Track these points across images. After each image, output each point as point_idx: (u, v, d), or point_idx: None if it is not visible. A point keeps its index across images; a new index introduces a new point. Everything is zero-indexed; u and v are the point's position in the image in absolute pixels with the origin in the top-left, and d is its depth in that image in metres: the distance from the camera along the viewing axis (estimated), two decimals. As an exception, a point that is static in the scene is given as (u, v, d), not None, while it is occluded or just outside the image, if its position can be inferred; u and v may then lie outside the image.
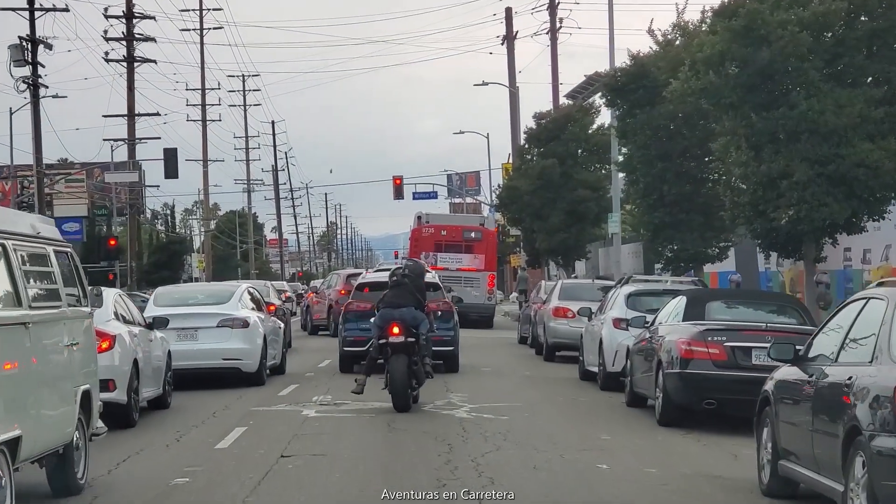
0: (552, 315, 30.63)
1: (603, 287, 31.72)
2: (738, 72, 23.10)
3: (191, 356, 22.80)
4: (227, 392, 22.70)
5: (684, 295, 18.97)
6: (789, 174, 22.82)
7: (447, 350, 25.71)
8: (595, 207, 52.25)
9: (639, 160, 32.21)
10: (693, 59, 23.86)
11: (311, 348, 36.50)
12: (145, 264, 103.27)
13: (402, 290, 19.19)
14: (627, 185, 33.95)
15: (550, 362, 30.57)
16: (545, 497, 11.86)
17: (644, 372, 18.93)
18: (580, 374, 25.56)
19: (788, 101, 22.93)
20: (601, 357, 23.19)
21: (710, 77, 23.25)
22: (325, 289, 44.67)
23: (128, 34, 67.05)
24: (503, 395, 21.70)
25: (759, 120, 23.23)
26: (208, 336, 23.12)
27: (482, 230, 49.58)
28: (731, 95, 23.37)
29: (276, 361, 25.82)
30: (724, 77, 23.24)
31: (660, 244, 32.63)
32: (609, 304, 24.14)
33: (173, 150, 65.00)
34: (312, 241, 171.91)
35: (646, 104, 31.86)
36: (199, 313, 23.43)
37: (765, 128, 23.19)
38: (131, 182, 76.11)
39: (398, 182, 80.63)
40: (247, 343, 23.29)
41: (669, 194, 31.60)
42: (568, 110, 53.96)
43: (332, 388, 22.83)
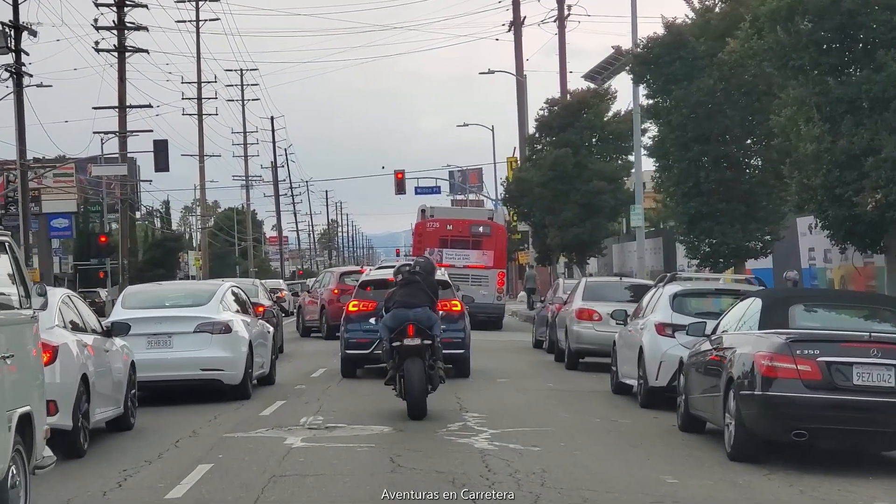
0: (576, 318, 27.22)
1: (630, 286, 28.51)
2: (812, 27, 19.46)
3: (164, 366, 19.87)
4: (202, 409, 19.45)
5: (757, 296, 15.37)
6: (875, 150, 19.16)
7: (458, 353, 23.64)
8: (611, 200, 49.23)
9: (672, 143, 28.55)
10: (755, 15, 20.23)
11: (304, 353, 33.03)
12: (139, 262, 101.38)
13: (414, 289, 17.84)
14: (658, 172, 30.34)
15: (573, 371, 27.14)
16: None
17: (705, 391, 15.40)
18: (613, 386, 22.08)
19: (874, 61, 19.24)
20: (641, 369, 19.69)
21: (776, 34, 19.61)
22: (317, 288, 41.18)
23: (119, 23, 65.07)
24: (527, 415, 18.22)
25: (837, 85, 19.63)
26: (184, 343, 20.13)
27: (491, 224, 46.27)
28: (801, 57, 19.69)
29: (264, 370, 22.89)
30: (794, 34, 19.58)
31: (696, 237, 28.98)
32: (649, 306, 20.64)
33: (163, 141, 63.06)
34: (313, 239, 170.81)
35: (682, 78, 28.23)
36: (173, 317, 20.44)
37: (844, 94, 19.58)
38: (121, 176, 74.10)
39: (400, 176, 77.91)
40: (229, 351, 20.34)
41: (707, 181, 27.95)
42: (582, 96, 50.52)
43: (325, 406, 19.41)
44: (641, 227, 38.44)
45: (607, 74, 36.31)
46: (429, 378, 17.42)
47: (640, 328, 20.21)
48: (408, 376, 17.27)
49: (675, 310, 19.44)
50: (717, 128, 27.97)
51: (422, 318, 17.55)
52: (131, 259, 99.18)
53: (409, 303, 17.67)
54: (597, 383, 24.00)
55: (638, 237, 39.21)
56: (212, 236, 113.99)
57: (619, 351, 21.83)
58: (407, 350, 17.36)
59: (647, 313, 20.51)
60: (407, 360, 17.32)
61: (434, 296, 18.12)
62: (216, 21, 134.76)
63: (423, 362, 17.35)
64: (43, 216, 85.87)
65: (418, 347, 17.38)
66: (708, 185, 28.08)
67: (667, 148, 29.13)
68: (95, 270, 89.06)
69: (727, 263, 28.85)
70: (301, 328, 42.01)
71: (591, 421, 17.81)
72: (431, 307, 17.86)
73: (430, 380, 17.46)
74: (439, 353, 17.90)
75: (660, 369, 19.09)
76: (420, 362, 17.31)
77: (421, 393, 17.26)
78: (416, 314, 17.55)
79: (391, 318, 17.66)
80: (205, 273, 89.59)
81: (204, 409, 19.54)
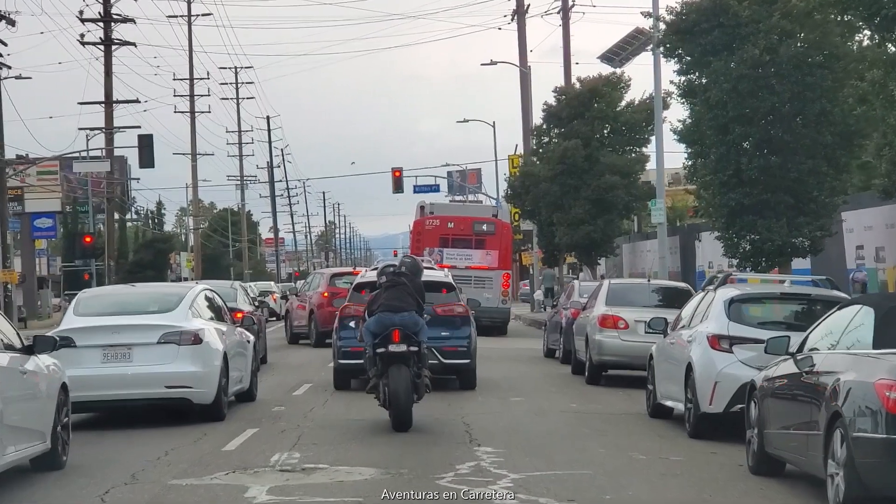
0: (598, 325, 23.76)
1: (658, 289, 25.21)
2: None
3: (121, 383, 17.15)
4: (156, 437, 16.23)
5: (864, 304, 11.74)
6: None
7: (462, 363, 21.72)
8: (625, 196, 45.95)
9: (709, 125, 24.89)
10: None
11: (290, 364, 29.52)
12: (128, 263, 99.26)
13: (399, 292, 16.77)
14: (691, 160, 26.70)
15: (595, 386, 23.69)
16: None
17: (791, 427, 11.88)
18: (649, 408, 18.57)
19: None
20: (690, 390, 16.15)
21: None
22: (306, 291, 37.69)
23: (105, 14, 63.18)
24: (554, 450, 14.74)
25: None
26: (146, 356, 17.30)
27: (495, 222, 43.03)
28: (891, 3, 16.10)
29: (242, 386, 19.95)
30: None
31: (735, 233, 25.35)
32: (697, 313, 17.09)
33: (148, 136, 60.58)
34: (309, 240, 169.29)
35: (722, 49, 24.59)
36: (133, 325, 17.61)
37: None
38: (107, 173, 71.99)
39: (397, 174, 74.94)
40: (199, 364, 17.48)
41: (749, 168, 24.28)
42: (594, 83, 46.98)
43: (305, 436, 15.94)
44: (664, 223, 34.87)
45: (626, 55, 32.93)
46: (415, 387, 16.39)
47: (686, 340, 16.66)
48: (392, 385, 16.18)
49: (733, 319, 15.92)
50: (763, 106, 24.28)
51: (408, 323, 16.44)
52: (120, 260, 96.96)
53: (394, 306, 16.55)
54: (627, 403, 20.53)
55: (660, 235, 35.60)
56: (206, 238, 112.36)
57: (657, 367, 18.29)
58: (392, 357, 16.33)
59: (694, 322, 16.98)
60: (392, 368, 16.26)
61: (421, 299, 16.97)
62: (208, 16, 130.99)
63: (409, 370, 16.28)
64: (26, 216, 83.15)
65: (404, 354, 16.33)
66: (750, 172, 24.40)
67: (702, 131, 25.49)
68: (81, 272, 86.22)
69: (771, 263, 25.24)
70: (289, 335, 38.54)
71: (636, 459, 14.24)
72: (418, 311, 16.75)
73: (415, 389, 16.43)
74: (426, 360, 16.84)
75: (714, 392, 15.57)
76: (406, 370, 16.24)
77: (408, 403, 16.19)
78: (401, 319, 16.44)
79: (375, 322, 16.51)
80: (197, 275, 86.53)
81: (158, 437, 16.27)
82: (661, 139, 34.44)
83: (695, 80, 25.70)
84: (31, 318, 69.10)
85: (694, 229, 44.15)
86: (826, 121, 24.63)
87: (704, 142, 25.55)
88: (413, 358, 16.46)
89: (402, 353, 16.33)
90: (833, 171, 24.92)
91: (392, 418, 16.28)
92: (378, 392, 16.49)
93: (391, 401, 16.23)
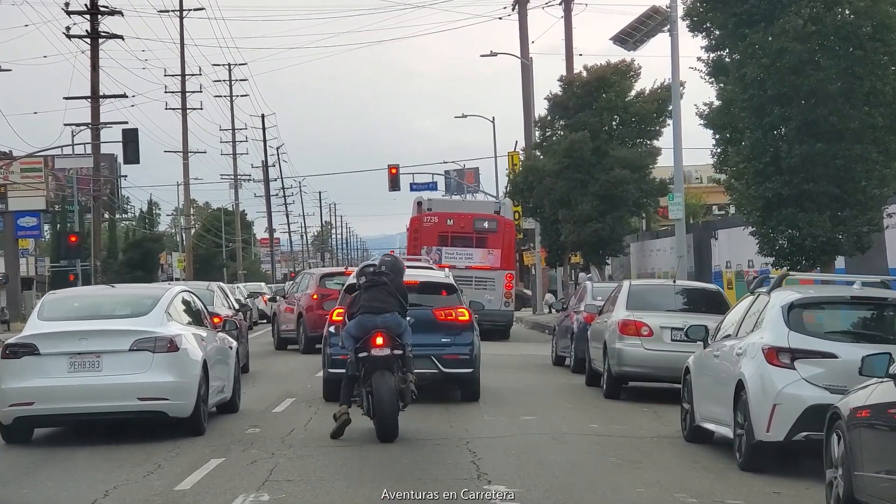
0: (619, 332, 21.17)
1: (684, 290, 22.57)
2: None
3: (90, 395, 15.73)
4: (106, 466, 13.76)
5: None
6: None
7: (465, 372, 19.86)
8: (635, 191, 43.26)
9: (743, 106, 22.11)
10: None
11: (274, 373, 26.82)
12: (117, 263, 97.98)
13: (381, 293, 15.88)
14: (720, 146, 23.89)
15: (615, 400, 21.08)
16: None
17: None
18: (685, 431, 15.91)
19: None
20: (740, 413, 13.49)
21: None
22: (293, 292, 34.99)
23: (91, 7, 62.04)
24: (581, 490, 12.11)
25: None
26: (117, 364, 15.91)
27: (497, 219, 40.58)
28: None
29: (224, 396, 18.46)
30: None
31: (772, 228, 22.57)
32: (747, 320, 14.42)
33: (133, 130, 58.92)
34: (305, 241, 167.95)
35: (760, 19, 21.79)
36: (103, 330, 16.20)
37: None
38: (93, 171, 70.47)
39: (394, 171, 72.61)
40: (175, 374, 16.10)
41: (789, 155, 21.50)
42: (602, 72, 44.37)
43: (280, 468, 13.37)
44: (682, 219, 32.14)
45: (640, 36, 30.28)
46: (400, 393, 15.46)
47: (735, 354, 13.96)
48: (376, 392, 15.26)
49: (794, 328, 13.25)
50: (806, 84, 21.48)
51: (391, 325, 15.57)
52: (109, 260, 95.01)
53: (376, 308, 15.63)
54: (655, 423, 17.88)
55: (678, 231, 32.87)
56: (199, 238, 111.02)
57: (696, 383, 15.59)
58: (375, 362, 15.36)
59: (743, 331, 14.29)
60: (375, 374, 15.32)
61: (404, 300, 16.01)
62: (201, 10, 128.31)
63: (394, 375, 15.38)
64: (9, 214, 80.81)
65: (387, 359, 15.41)
66: (790, 160, 21.58)
67: (734, 114, 22.69)
68: (66, 273, 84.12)
69: (812, 262, 22.45)
70: (276, 340, 35.84)
71: (685, 502, 11.53)
72: (401, 312, 15.85)
73: (401, 395, 15.51)
74: (411, 364, 15.89)
75: (773, 416, 12.90)
76: (390, 376, 15.35)
77: (392, 410, 15.26)
78: (384, 320, 15.54)
79: (356, 325, 15.64)
80: (189, 276, 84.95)
81: (106, 467, 13.77)
82: (680, 127, 31.75)
83: (725, 57, 22.94)
84: (15, 321, 66.62)
85: (709, 227, 41.46)
86: (876, 101, 21.76)
87: (737, 126, 22.79)
88: (397, 362, 15.56)
89: (385, 357, 15.39)
90: (884, 158, 22.14)
91: (377, 428, 15.27)
92: (362, 400, 15.48)
93: (375, 409, 15.24)
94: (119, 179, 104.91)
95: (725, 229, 39.80)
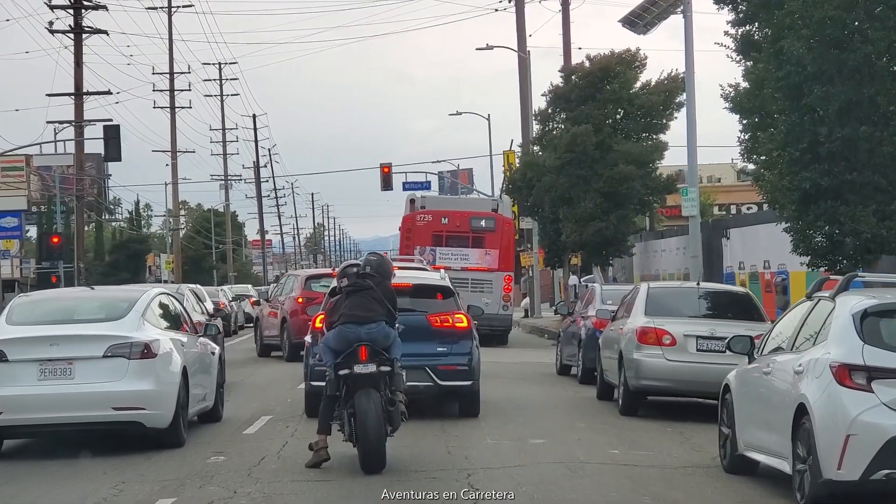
0: (637, 341, 18.88)
1: (708, 293, 20.35)
2: None
3: (61, 405, 15.10)
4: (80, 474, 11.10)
5: None
6: None
7: (463, 385, 18.05)
8: (641, 188, 40.87)
9: (778, 85, 19.62)
10: None
11: (251, 386, 24.47)
12: (102, 265, 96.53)
13: (365, 298, 14.05)
14: (747, 132, 21.38)
15: (633, 417, 18.83)
16: None
17: None
18: (726, 461, 13.57)
19: None
20: (801, 444, 11.14)
21: None
22: (277, 296, 32.66)
23: (75, 1, 59.83)
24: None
25: None
26: (90, 372, 15.25)
27: (495, 217, 38.56)
28: None
29: (206, 404, 17.71)
30: None
31: (809, 224, 20.08)
32: (806, 330, 12.01)
33: (115, 127, 57.54)
34: (298, 242, 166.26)
35: (798, -13, 19.41)
36: (75, 335, 15.48)
37: None
38: (70, 168, 68.57)
39: (386, 170, 70.62)
40: (153, 382, 15.41)
41: (830, 140, 19.05)
42: (606, 62, 42.05)
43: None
44: (697, 216, 29.75)
45: (651, 18, 28.03)
46: (387, 417, 13.63)
47: (794, 371, 11.55)
48: (360, 415, 13.39)
49: (869, 341, 10.87)
50: (851, 60, 18.96)
51: (376, 337, 13.74)
52: (95, 262, 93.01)
53: (359, 317, 13.80)
54: (684, 447, 15.57)
55: (692, 230, 30.49)
56: (189, 239, 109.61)
57: (739, 404, 13.19)
58: (358, 380, 13.55)
59: (801, 343, 11.90)
60: (359, 394, 13.50)
61: (392, 306, 14.16)
62: (189, 7, 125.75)
63: (381, 395, 13.57)
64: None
65: (373, 376, 13.58)
66: (831, 146, 19.09)
67: (767, 95, 20.21)
68: (49, 275, 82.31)
69: (854, 261, 19.97)
70: (259, 346, 33.48)
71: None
72: (389, 321, 14.02)
73: (388, 419, 13.67)
74: (400, 382, 13.99)
75: (846, 449, 10.52)
76: (376, 396, 13.53)
77: (378, 437, 13.39)
78: (368, 331, 13.72)
79: (335, 337, 13.80)
80: (177, 278, 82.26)
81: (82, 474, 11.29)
82: (694, 117, 29.43)
83: (754, 32, 20.48)
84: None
85: (720, 225, 39.08)
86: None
87: (769, 109, 20.32)
88: (384, 380, 13.76)
89: (370, 374, 13.57)
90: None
91: (360, 457, 13.44)
92: (343, 423, 13.68)
93: (358, 435, 13.40)
94: (105, 179, 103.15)
95: (738, 228, 37.47)
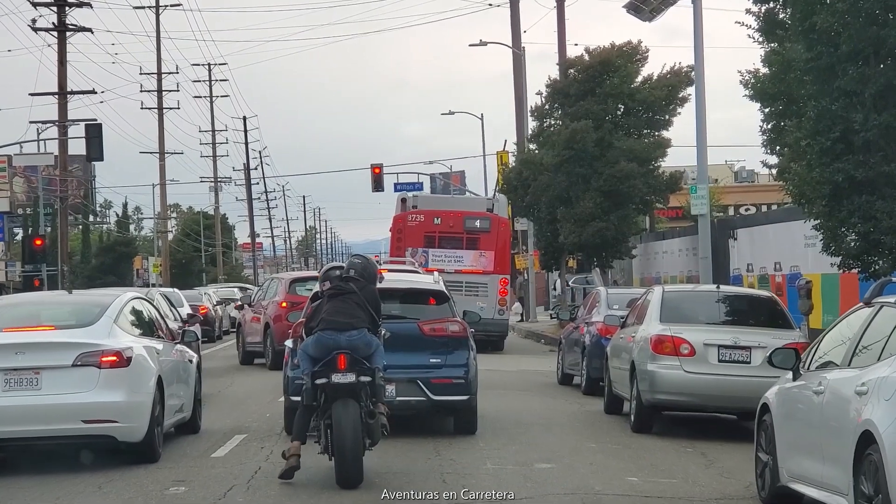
0: (652, 351, 17.17)
1: (729, 297, 18.67)
2: None
3: (27, 417, 14.41)
4: None
5: None
6: None
7: (460, 400, 16.71)
8: (643, 187, 39.13)
9: (808, 67, 17.74)
10: None
11: (228, 398, 22.63)
12: (88, 268, 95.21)
13: (347, 303, 13.39)
14: (771, 120, 19.57)
15: (647, 435, 17.07)
16: None
17: None
18: (764, 492, 11.84)
19: None
20: (867, 480, 9.38)
21: None
22: (261, 300, 30.84)
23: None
24: None
25: None
26: (59, 382, 14.54)
27: (490, 217, 36.92)
28: None
29: (184, 415, 17.10)
30: None
31: (842, 220, 18.21)
32: (867, 342, 10.20)
33: (97, 125, 56.70)
34: (289, 245, 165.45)
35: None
36: (42, 343, 14.75)
37: None
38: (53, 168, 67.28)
39: (377, 171, 69.35)
40: (125, 392, 14.69)
41: (866, 128, 17.18)
42: (606, 55, 40.29)
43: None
44: (706, 214, 27.98)
45: (658, 4, 26.37)
46: (366, 430, 13.16)
47: (856, 391, 9.73)
48: (337, 426, 12.96)
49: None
50: (892, 37, 16.98)
51: (357, 345, 13.29)
52: (80, 265, 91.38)
53: (340, 323, 13.35)
54: (710, 471, 13.83)
55: (701, 229, 28.72)
56: (178, 242, 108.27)
57: (781, 427, 11.38)
58: (336, 390, 13.08)
59: (863, 358, 10.09)
60: (336, 404, 13.06)
61: (375, 312, 13.67)
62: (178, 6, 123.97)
63: (360, 406, 13.10)
64: (-27, 217, 77.54)
65: (352, 386, 13.13)
66: (867, 134, 17.15)
67: (794, 78, 18.36)
68: (33, 278, 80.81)
69: (891, 262, 18.11)
70: (241, 353, 31.65)
71: None
72: (371, 329, 13.55)
73: (367, 432, 13.21)
74: (381, 392, 13.53)
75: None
76: (354, 407, 13.07)
77: (356, 450, 12.94)
78: (349, 339, 13.28)
79: (314, 344, 13.39)
80: (166, 281, 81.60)
81: None
82: (704, 110, 27.72)
83: (777, 10, 18.65)
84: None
85: (726, 226, 37.27)
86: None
87: (797, 94, 18.47)
88: (364, 390, 13.23)
89: (349, 384, 13.06)
90: None
91: (336, 470, 12.92)
92: (319, 435, 13.21)
93: (335, 448, 12.91)
94: (92, 181, 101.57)
95: (746, 228, 35.68)
